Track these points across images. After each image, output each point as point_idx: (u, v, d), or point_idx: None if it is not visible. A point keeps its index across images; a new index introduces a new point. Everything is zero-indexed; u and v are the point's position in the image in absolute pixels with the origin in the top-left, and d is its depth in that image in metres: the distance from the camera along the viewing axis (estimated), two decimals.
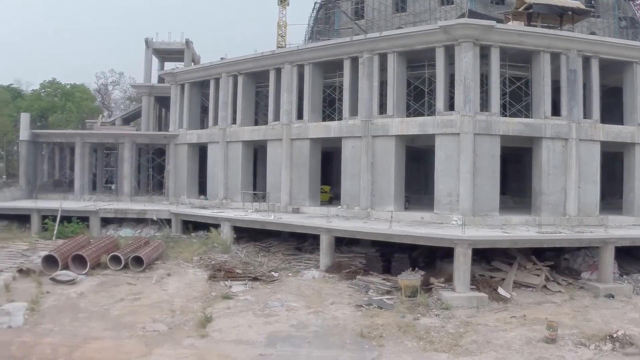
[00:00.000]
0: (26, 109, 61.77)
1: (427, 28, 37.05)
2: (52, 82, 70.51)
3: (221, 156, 46.81)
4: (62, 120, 64.30)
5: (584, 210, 37.10)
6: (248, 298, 29.06)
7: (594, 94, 37.88)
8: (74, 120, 66.78)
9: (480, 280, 30.04)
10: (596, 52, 37.56)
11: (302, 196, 41.98)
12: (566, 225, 35.73)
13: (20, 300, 27.15)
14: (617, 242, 31.00)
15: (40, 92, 69.88)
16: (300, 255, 36.51)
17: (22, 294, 28.20)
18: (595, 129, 37.50)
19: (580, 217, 36.77)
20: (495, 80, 36.13)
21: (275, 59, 43.57)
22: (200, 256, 36.05)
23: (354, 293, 29.71)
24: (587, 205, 37.19)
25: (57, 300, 28.03)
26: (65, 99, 67.93)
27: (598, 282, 30.41)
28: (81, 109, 68.93)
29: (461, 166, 35.11)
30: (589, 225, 35.70)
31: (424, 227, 33.29)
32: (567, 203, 36.78)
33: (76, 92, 70.62)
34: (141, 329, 24.49)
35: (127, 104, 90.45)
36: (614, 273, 31.38)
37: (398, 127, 37.55)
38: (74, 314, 26.09)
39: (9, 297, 27.79)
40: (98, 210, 42.82)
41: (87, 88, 78.34)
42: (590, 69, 37.78)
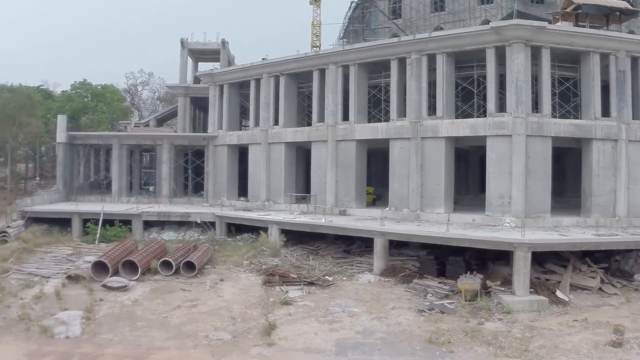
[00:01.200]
0: (57, 111, 62.43)
1: (477, 29, 37.39)
2: (82, 83, 71.13)
3: (263, 157, 47.27)
4: (94, 122, 65.05)
5: (633, 211, 37.37)
6: (307, 304, 29.38)
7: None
8: (105, 121, 67.56)
9: (537, 284, 30.35)
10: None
11: (348, 198, 42.39)
12: (616, 226, 36.14)
13: (73, 309, 27.51)
14: None
15: (71, 93, 70.46)
16: (349, 258, 36.84)
17: (74, 302, 28.56)
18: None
19: (629, 218, 37.11)
20: (546, 81, 36.39)
21: (320, 59, 43.99)
22: (250, 260, 36.35)
23: (413, 297, 30.01)
24: (636, 206, 37.47)
25: (111, 308, 28.29)
26: (96, 100, 68.68)
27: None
28: (112, 109, 69.64)
29: (514, 168, 35.42)
30: (638, 227, 36.05)
31: (480, 230, 33.61)
32: (617, 204, 37.06)
33: (107, 93, 71.22)
34: (205, 338, 24.80)
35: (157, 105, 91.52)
36: None
37: (448, 129, 37.90)
38: (132, 323, 26.39)
39: (62, 305, 28.15)
40: (141, 213, 43.21)
41: (117, 89, 78.97)
42: (638, 69, 38.01)
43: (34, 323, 25.68)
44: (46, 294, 29.61)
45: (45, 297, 29.20)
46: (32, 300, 28.67)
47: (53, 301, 28.64)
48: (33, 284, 31.28)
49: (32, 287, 30.75)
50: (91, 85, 71.77)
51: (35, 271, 33.54)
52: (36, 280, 32.03)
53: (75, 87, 70.74)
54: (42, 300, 28.69)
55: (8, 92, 54.65)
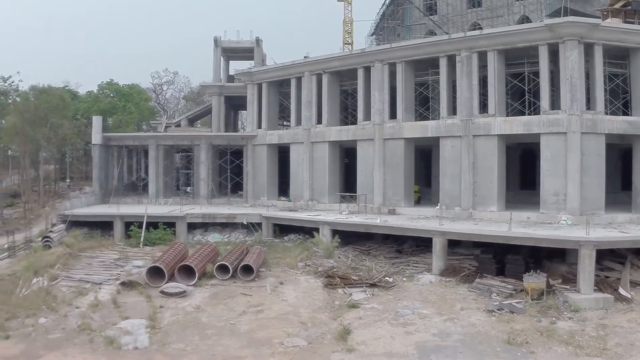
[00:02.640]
0: (85, 111, 62.83)
1: (530, 26, 38.00)
2: (109, 83, 71.32)
3: (306, 157, 47.77)
4: (122, 122, 65.49)
5: None
6: (375, 306, 29.63)
7: None
8: (133, 121, 67.99)
9: (598, 281, 30.68)
10: None
11: (396, 197, 42.93)
12: None
13: (134, 317, 27.38)
14: None
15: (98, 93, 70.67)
16: (403, 258, 37.18)
17: (133, 310, 28.51)
18: None
19: None
20: (599, 78, 36.97)
21: (365, 57, 44.38)
22: (305, 262, 36.70)
23: (477, 297, 30.38)
24: None
25: (174, 315, 28.19)
26: (125, 100, 69.01)
27: None
28: (140, 109, 69.90)
29: (569, 165, 36.00)
30: None
31: (538, 228, 34.09)
32: None
33: (134, 92, 71.40)
34: (280, 345, 24.81)
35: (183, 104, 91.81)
36: None
37: (501, 127, 38.46)
38: (200, 331, 26.31)
39: (121, 313, 28.01)
40: (185, 215, 43.61)
41: (143, 89, 79.11)
42: None
43: (97, 333, 25.46)
44: (102, 301, 29.55)
45: (102, 305, 29.12)
46: (89, 308, 28.55)
47: (111, 309, 28.58)
48: (86, 291, 31.22)
49: (85, 294, 30.68)
50: (118, 85, 71.98)
51: (85, 277, 33.57)
52: (88, 287, 31.97)
53: (102, 87, 70.86)
54: (100, 309, 28.59)
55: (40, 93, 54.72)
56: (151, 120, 71.97)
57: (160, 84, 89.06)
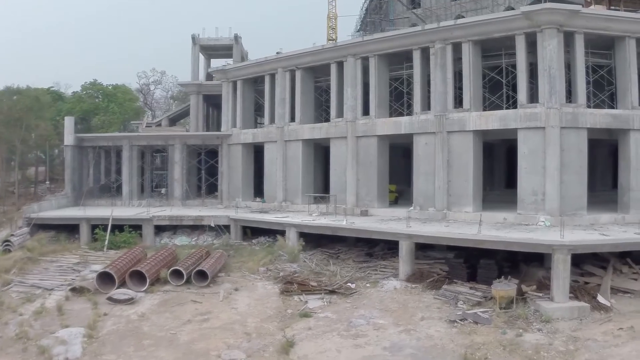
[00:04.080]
0: (68, 112, 60.41)
1: (506, 14, 34.37)
2: (93, 84, 68.86)
3: (279, 156, 44.69)
4: (105, 122, 62.90)
5: None
6: (328, 315, 26.98)
7: None
8: (117, 121, 65.36)
9: (576, 288, 27.59)
10: None
11: (369, 197, 39.69)
12: None
13: (76, 325, 25.44)
14: None
15: (82, 94, 68.41)
16: (373, 262, 34.20)
17: (77, 317, 26.53)
18: None
19: None
20: (581, 69, 33.53)
21: (337, 51, 41.22)
22: (267, 266, 34.04)
23: (443, 305, 27.47)
24: None
25: (116, 323, 26.18)
26: (107, 100, 66.48)
27: None
28: (124, 110, 67.45)
29: (547, 162, 32.63)
30: None
31: (513, 230, 30.85)
32: None
33: (118, 92, 69.08)
34: (217, 358, 22.77)
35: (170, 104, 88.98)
36: None
37: (476, 122, 35.11)
38: (138, 341, 24.29)
39: (63, 321, 26.04)
40: (151, 217, 40.89)
41: (129, 88, 76.77)
42: None
43: (33, 342, 23.59)
44: (48, 308, 27.60)
45: (47, 312, 27.16)
46: (32, 316, 26.60)
47: (55, 317, 26.62)
48: (35, 297, 29.31)
49: (33, 301, 28.77)
50: (102, 85, 69.46)
51: (38, 283, 31.52)
52: (38, 293, 30.04)
53: (86, 88, 68.46)
54: (43, 316, 26.66)
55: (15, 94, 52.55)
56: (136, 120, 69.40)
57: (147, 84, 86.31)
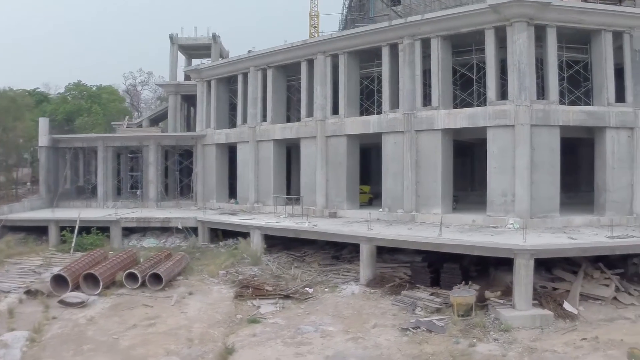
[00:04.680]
0: (52, 113, 59.33)
1: (474, 8, 32.24)
2: (77, 85, 67.71)
3: (251, 157, 43.01)
4: (89, 123, 61.58)
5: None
6: (278, 321, 25.33)
7: None
8: (101, 122, 63.93)
9: (542, 294, 25.69)
10: None
11: (339, 199, 37.90)
12: (633, 225, 31.18)
13: (22, 328, 23.92)
14: None
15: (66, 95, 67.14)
16: (338, 265, 32.41)
17: (26, 321, 25.00)
18: None
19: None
20: (553, 64, 31.61)
21: (307, 49, 39.43)
22: (227, 270, 32.32)
23: (399, 312, 25.66)
24: None
25: (63, 327, 24.72)
26: (91, 101, 65.10)
27: None
28: (108, 111, 66.05)
29: (517, 162, 30.71)
30: None
31: (477, 233, 28.99)
32: (634, 200, 32.18)
33: (103, 93, 67.74)
34: None
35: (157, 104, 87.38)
36: None
37: (445, 120, 33.23)
38: (78, 346, 22.83)
39: (11, 324, 24.53)
40: (119, 219, 39.38)
41: (116, 89, 75.43)
42: None
43: None
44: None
45: None
46: None
47: (4, 320, 25.05)
48: None
49: None
50: (86, 86, 68.28)
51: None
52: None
53: (70, 89, 67.39)
54: None
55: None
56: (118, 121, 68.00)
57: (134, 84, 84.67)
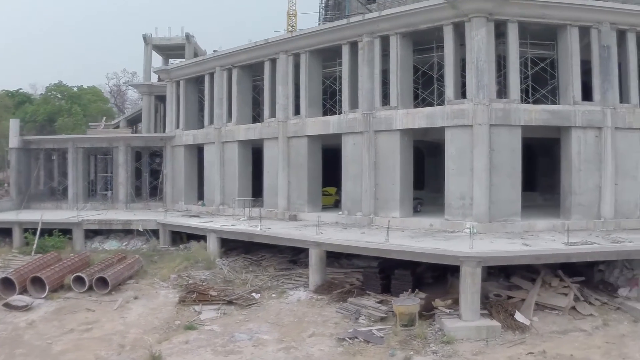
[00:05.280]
0: (33, 114, 58.35)
1: (432, 3, 30.35)
2: (58, 85, 66.68)
3: (217, 158, 41.56)
4: (69, 124, 60.47)
5: (622, 211, 30.54)
6: (214, 328, 24.00)
7: (632, 73, 31.08)
8: (81, 123, 62.68)
9: (494, 303, 23.99)
10: (633, 24, 30.85)
11: (300, 201, 36.32)
12: (600, 230, 29.40)
13: None
14: None
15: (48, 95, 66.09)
16: (294, 269, 30.91)
17: None
18: (634, 114, 30.77)
19: (617, 219, 30.30)
20: (514, 61, 29.77)
21: (269, 48, 37.81)
22: (179, 274, 30.99)
23: (342, 320, 24.14)
24: (625, 205, 30.62)
25: (2, 331, 23.98)
26: (71, 102, 64.00)
27: (638, 300, 24.14)
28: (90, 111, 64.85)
29: (475, 163, 28.98)
30: (627, 230, 29.19)
31: (429, 238, 27.35)
32: (602, 203, 30.29)
33: (85, 94, 66.59)
34: None
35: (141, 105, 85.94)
36: None
37: (403, 120, 31.53)
38: (12, 349, 22.02)
39: None
40: (81, 221, 38.16)
41: (99, 90, 74.23)
42: (627, 44, 31.00)
43: None
44: None
45: None
46: None
47: None
48: None
49: None
50: (66, 86, 67.12)
51: None
52: None
53: (50, 90, 66.31)
54: None
55: None
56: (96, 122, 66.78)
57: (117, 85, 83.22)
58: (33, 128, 57.46)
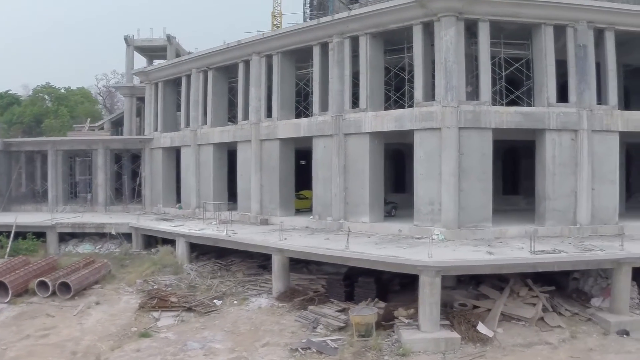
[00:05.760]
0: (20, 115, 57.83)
1: (401, 2, 29.25)
2: (45, 86, 66.13)
3: (193, 161, 40.76)
4: (55, 126, 59.89)
5: (600, 217, 29.26)
6: (169, 336, 23.18)
7: (610, 74, 29.84)
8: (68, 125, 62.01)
9: (456, 313, 22.99)
10: (611, 23, 29.52)
11: (273, 205, 35.36)
12: (576, 236, 28.13)
13: None
14: (635, 263, 23.20)
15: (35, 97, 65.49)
16: (262, 275, 30.05)
17: None
18: (612, 117, 29.50)
19: (594, 225, 28.98)
20: (485, 62, 28.57)
21: (242, 49, 36.85)
22: (146, 279, 30.29)
23: (300, 329, 23.29)
24: (603, 210, 29.32)
25: None
26: (57, 104, 63.36)
27: (610, 312, 22.96)
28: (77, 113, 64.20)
29: (443, 168, 27.85)
30: (604, 236, 27.87)
31: (392, 245, 26.27)
32: (578, 209, 28.99)
33: (73, 95, 65.93)
34: None
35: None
36: (632, 299, 23.60)
37: (372, 123, 30.45)
38: None
39: None
40: (55, 224, 37.52)
41: (88, 91, 73.54)
42: (605, 43, 29.79)
43: None
44: None
45: None
46: None
47: None
48: None
49: None
50: (54, 88, 66.53)
51: None
52: None
53: (37, 91, 65.70)
54: None
55: None
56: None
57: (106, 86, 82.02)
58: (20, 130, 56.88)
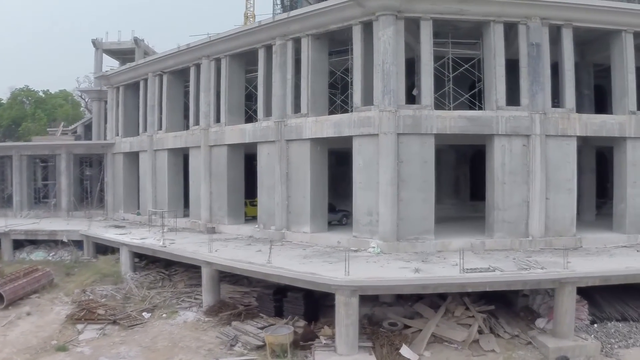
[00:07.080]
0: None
1: (340, 2, 27.45)
2: (23, 90, 65.27)
3: (149, 166, 39.47)
4: (32, 129, 58.87)
5: (555, 228, 27.24)
6: (84, 351, 22.19)
7: (567, 74, 27.77)
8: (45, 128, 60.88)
9: (381, 334, 21.33)
10: (568, 19, 27.50)
11: (221, 212, 33.93)
12: (527, 249, 26.33)
13: None
14: (579, 282, 21.34)
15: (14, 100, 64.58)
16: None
17: None
18: (568, 120, 27.45)
19: (548, 237, 26.98)
20: (427, 63, 26.79)
21: (193, 53, 35.45)
22: (84, 289, 29.12)
23: (218, 346, 21.96)
24: (558, 221, 27.29)
25: None
26: (35, 107, 62.44)
27: (553, 335, 21.03)
28: (55, 116, 63.21)
29: (380, 176, 26.11)
30: (558, 250, 25.29)
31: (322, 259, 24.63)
32: (530, 220, 27.02)
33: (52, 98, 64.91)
34: None
35: None
36: (582, 320, 21.88)
37: (312, 129, 28.85)
38: None
39: None
40: (8, 231, 36.54)
41: (70, 93, 72.55)
42: (562, 42, 27.71)
43: None
44: None
45: None
46: None
47: None
48: None
49: None
50: (32, 91, 65.64)
51: None
52: None
53: (15, 94, 64.88)
54: None
55: None
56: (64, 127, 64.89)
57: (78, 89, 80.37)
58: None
